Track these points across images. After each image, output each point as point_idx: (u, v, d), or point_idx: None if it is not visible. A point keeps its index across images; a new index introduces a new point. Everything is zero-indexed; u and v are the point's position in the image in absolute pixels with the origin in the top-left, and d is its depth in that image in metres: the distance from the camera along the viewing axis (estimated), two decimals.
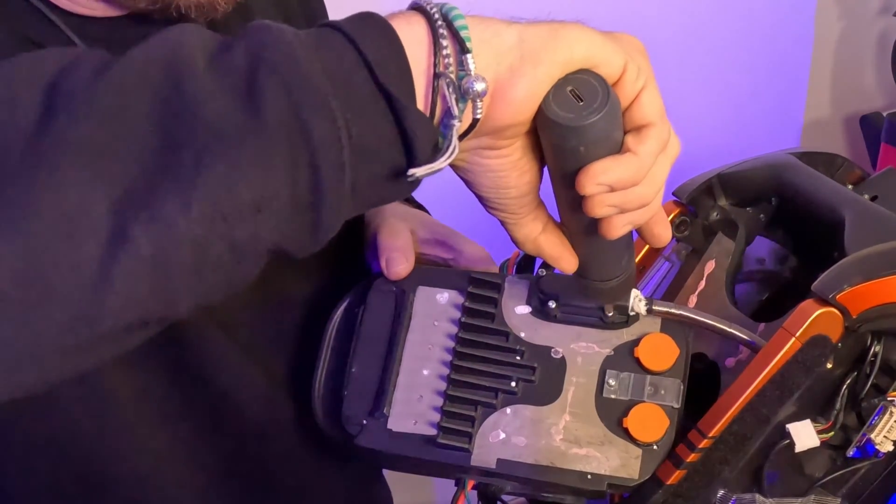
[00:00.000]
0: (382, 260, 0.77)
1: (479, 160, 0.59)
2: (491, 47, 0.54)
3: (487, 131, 0.57)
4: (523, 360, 0.74)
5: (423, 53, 0.53)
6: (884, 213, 0.82)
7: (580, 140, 0.56)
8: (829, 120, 2.39)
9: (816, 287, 0.72)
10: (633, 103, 0.58)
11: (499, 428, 0.73)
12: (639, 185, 0.58)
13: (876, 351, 0.75)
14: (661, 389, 0.73)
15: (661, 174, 0.60)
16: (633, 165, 0.57)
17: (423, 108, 0.54)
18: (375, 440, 0.74)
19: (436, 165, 0.54)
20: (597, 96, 0.56)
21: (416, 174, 0.53)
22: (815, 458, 0.76)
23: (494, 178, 0.60)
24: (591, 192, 0.57)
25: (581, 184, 0.57)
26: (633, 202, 0.59)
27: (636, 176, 0.58)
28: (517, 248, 0.66)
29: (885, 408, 0.73)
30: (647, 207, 0.61)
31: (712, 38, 2.08)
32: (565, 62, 0.55)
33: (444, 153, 0.54)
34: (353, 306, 0.79)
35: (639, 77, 0.58)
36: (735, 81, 2.15)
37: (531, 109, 0.56)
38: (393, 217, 0.84)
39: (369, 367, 0.76)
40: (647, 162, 0.58)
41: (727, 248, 0.87)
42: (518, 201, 0.62)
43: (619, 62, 0.57)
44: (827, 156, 0.92)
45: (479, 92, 0.53)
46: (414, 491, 0.90)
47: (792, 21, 2.21)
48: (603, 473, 0.71)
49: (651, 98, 0.58)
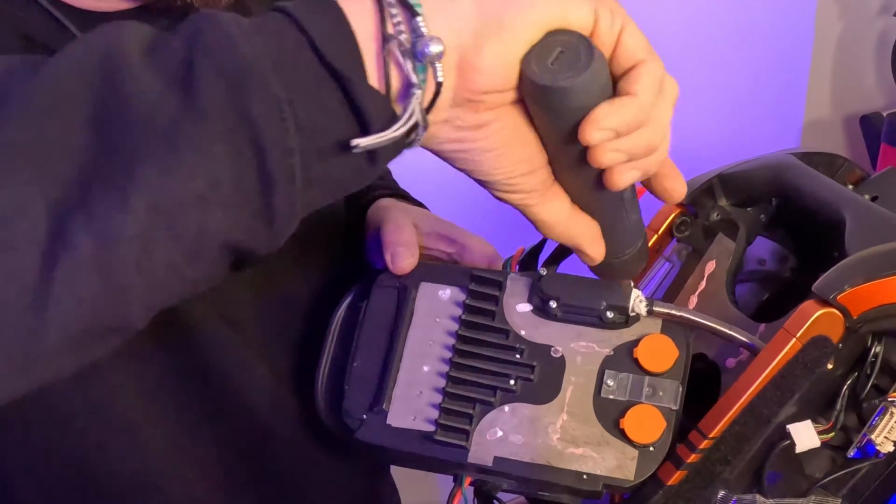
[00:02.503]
0: (387, 255, 0.77)
1: (471, 143, 0.56)
2: (445, 12, 0.52)
3: (464, 103, 0.54)
4: (523, 359, 0.74)
5: (371, 24, 0.51)
6: (884, 213, 0.82)
7: (575, 99, 0.55)
8: (829, 120, 2.39)
9: (817, 287, 0.72)
10: (617, 47, 0.56)
11: (496, 426, 0.73)
12: (644, 127, 0.56)
13: (877, 351, 0.75)
14: (660, 391, 0.72)
15: (663, 115, 0.57)
16: (634, 105, 0.55)
17: (376, 81, 0.51)
18: (374, 435, 0.74)
19: (385, 135, 0.51)
20: (579, 51, 0.54)
21: (360, 144, 0.50)
22: (816, 458, 0.76)
23: (494, 157, 0.57)
24: (596, 139, 0.54)
25: (584, 132, 0.54)
26: (639, 146, 0.56)
27: (639, 116, 0.55)
28: (543, 235, 0.63)
29: (885, 408, 0.73)
30: (657, 154, 0.58)
31: (712, 38, 2.08)
32: (531, 22, 0.53)
33: (398, 123, 0.51)
34: (356, 301, 0.80)
35: (614, 20, 0.55)
36: (735, 81, 2.15)
37: (505, 75, 0.54)
38: (396, 212, 0.83)
39: (370, 362, 0.76)
40: (647, 100, 0.55)
41: (728, 248, 0.87)
42: (531, 179, 0.59)
43: (588, 11, 0.54)
44: (827, 156, 0.92)
45: (436, 54, 0.51)
46: (421, 489, 0.90)
47: (792, 21, 2.21)
48: (598, 474, 0.71)
49: (633, 37, 0.56)
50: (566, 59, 0.54)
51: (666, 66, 0.58)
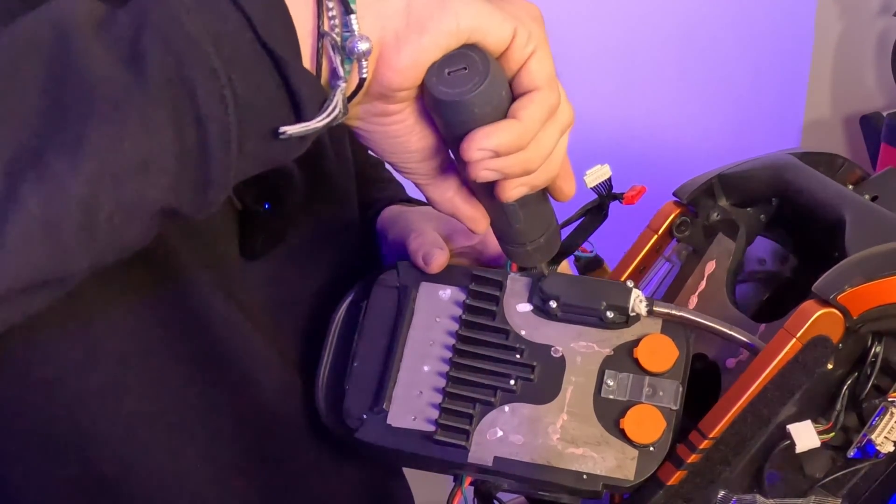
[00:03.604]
0: (419, 258, 0.78)
1: (376, 126, 0.62)
2: (376, 10, 0.56)
3: (376, 95, 0.59)
4: (523, 359, 0.74)
5: (309, 14, 0.55)
6: (884, 213, 0.82)
7: (461, 113, 0.59)
8: (829, 120, 2.39)
9: (817, 287, 0.72)
10: (521, 69, 0.60)
11: (496, 426, 0.73)
12: (524, 150, 0.60)
13: (877, 352, 0.74)
14: (660, 391, 0.72)
15: (548, 140, 0.62)
16: (515, 130, 0.59)
17: (309, 67, 0.55)
18: (375, 435, 0.74)
19: (311, 125, 0.55)
20: (477, 70, 0.58)
21: (288, 132, 0.54)
22: (816, 458, 0.76)
23: (394, 143, 0.63)
24: (474, 158, 0.60)
25: (463, 150, 0.59)
26: (515, 167, 0.61)
27: (519, 141, 0.60)
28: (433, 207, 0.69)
29: (885, 408, 0.73)
30: (541, 171, 0.63)
31: (712, 38, 2.08)
32: (451, 32, 0.57)
33: (324, 113, 0.55)
34: (356, 301, 0.80)
35: (528, 43, 0.59)
36: (735, 81, 2.15)
37: (415, 77, 0.58)
38: (413, 217, 0.85)
39: (371, 362, 0.76)
40: (530, 126, 0.60)
41: (728, 248, 0.87)
42: (424, 165, 0.64)
43: (508, 30, 0.58)
44: (827, 156, 0.92)
45: (363, 52, 0.55)
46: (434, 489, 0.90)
47: (792, 21, 2.21)
48: (598, 474, 0.71)
49: (539, 64, 0.60)
50: (463, 76, 0.58)
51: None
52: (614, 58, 1.99)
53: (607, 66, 1.99)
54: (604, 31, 1.95)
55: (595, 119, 1.96)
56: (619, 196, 0.79)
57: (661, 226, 0.86)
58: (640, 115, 2.05)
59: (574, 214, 0.80)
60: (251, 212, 0.76)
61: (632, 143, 2.02)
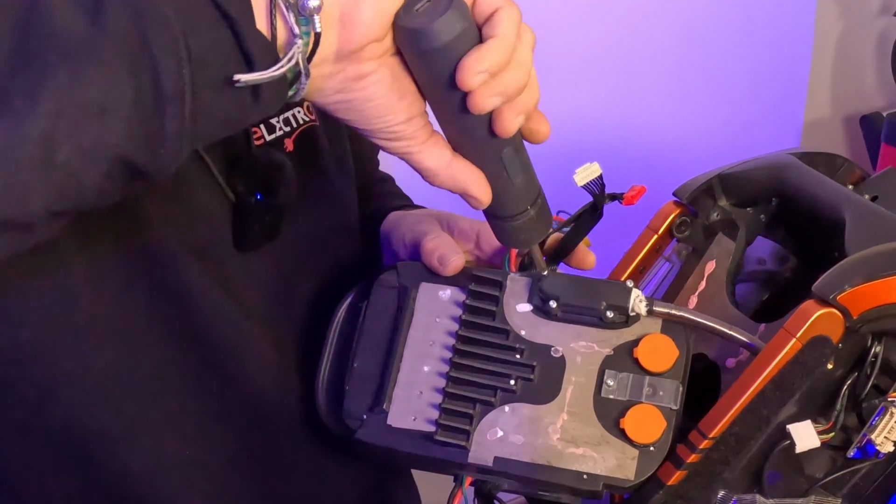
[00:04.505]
0: (434, 261, 0.78)
1: (354, 94, 0.62)
2: None
3: (347, 57, 0.60)
4: (523, 359, 0.74)
5: None
6: (884, 213, 0.82)
7: (437, 41, 0.60)
8: (829, 120, 2.39)
9: (817, 287, 0.72)
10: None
11: (497, 426, 0.73)
12: (510, 68, 0.61)
13: (876, 351, 0.75)
14: (660, 391, 0.73)
15: (525, 55, 0.63)
16: (501, 46, 0.61)
17: (264, 28, 0.57)
18: (375, 435, 0.74)
19: (267, 73, 0.57)
20: (440, 4, 0.60)
21: (242, 79, 0.56)
22: (816, 458, 0.76)
23: (375, 106, 0.63)
24: (474, 83, 0.60)
25: (462, 79, 0.60)
26: (512, 85, 0.62)
27: (505, 56, 0.61)
28: (429, 183, 0.68)
29: (885, 408, 0.73)
30: (528, 91, 0.64)
31: (712, 38, 2.08)
32: None
33: (279, 63, 0.57)
34: (356, 302, 0.80)
35: None
36: (735, 81, 2.15)
37: (382, 26, 0.60)
38: (415, 217, 0.86)
39: (371, 363, 0.76)
40: (509, 41, 0.61)
41: (728, 248, 0.87)
42: (409, 126, 0.64)
43: None
44: (827, 156, 0.92)
45: (314, 7, 0.57)
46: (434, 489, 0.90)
47: (792, 21, 2.21)
48: (599, 474, 0.71)
49: None
50: (429, 7, 0.60)
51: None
52: (614, 58, 1.99)
53: (607, 66, 1.99)
54: (604, 31, 1.95)
55: (595, 119, 1.97)
56: (618, 196, 0.79)
57: (661, 226, 0.86)
58: (639, 115, 2.05)
59: (571, 217, 0.80)
60: (245, 204, 0.76)
61: (632, 143, 2.02)
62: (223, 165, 0.75)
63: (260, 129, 0.79)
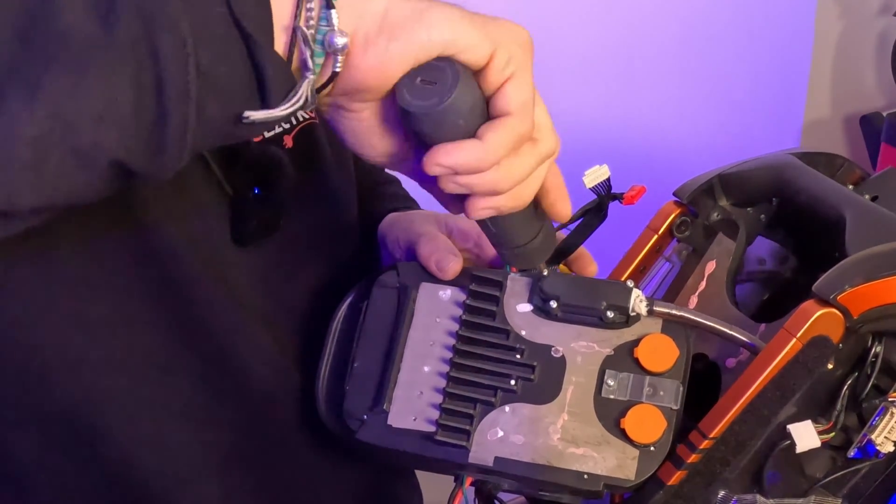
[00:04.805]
0: (431, 264, 0.78)
1: (340, 118, 0.63)
2: (354, 9, 0.58)
3: (339, 92, 0.60)
4: (523, 359, 0.74)
5: (289, 8, 0.57)
6: (884, 213, 0.82)
7: (422, 125, 0.60)
8: (829, 120, 2.39)
9: (817, 287, 0.72)
10: (497, 92, 0.60)
11: (497, 426, 0.73)
12: (487, 171, 0.61)
13: (877, 351, 0.75)
14: (660, 391, 0.72)
15: (519, 167, 0.62)
16: (477, 152, 0.60)
17: (281, 52, 0.56)
18: (375, 435, 0.74)
19: (275, 112, 0.56)
20: (445, 86, 0.58)
21: (252, 118, 0.56)
22: (816, 458, 0.76)
23: (358, 138, 0.64)
24: (432, 174, 0.61)
25: (424, 164, 0.61)
26: (480, 186, 0.62)
27: (480, 162, 0.60)
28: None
29: (885, 408, 0.73)
30: (509, 196, 0.63)
31: (712, 38, 2.08)
32: (422, 44, 0.58)
33: (288, 102, 0.56)
34: (357, 301, 0.80)
35: (507, 66, 0.59)
36: (735, 81, 2.15)
37: (378, 79, 0.59)
38: (419, 222, 0.86)
39: (371, 363, 0.76)
40: (493, 150, 0.60)
41: (728, 248, 0.87)
42: (386, 161, 0.65)
43: (485, 49, 0.59)
44: (827, 156, 0.92)
45: (339, 48, 0.57)
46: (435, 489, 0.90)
47: (792, 21, 2.21)
48: (599, 473, 0.71)
49: (514, 90, 0.60)
50: (431, 89, 0.59)
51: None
52: (614, 58, 1.99)
53: (607, 66, 1.99)
54: (604, 30, 1.95)
55: (595, 119, 1.97)
56: (618, 196, 0.79)
57: (661, 226, 0.86)
58: (639, 115, 2.05)
59: (574, 215, 0.80)
60: (242, 198, 0.76)
61: (632, 143, 2.02)
62: (221, 160, 0.75)
63: None
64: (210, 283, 0.75)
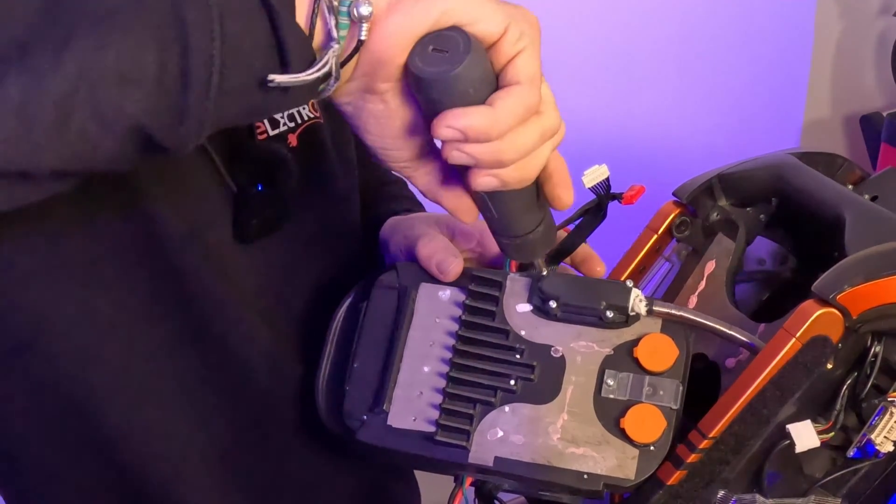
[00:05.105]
0: (432, 266, 0.78)
1: (362, 103, 0.63)
2: None
3: (364, 67, 0.60)
4: (523, 359, 0.74)
5: None
6: (884, 213, 0.82)
7: (433, 91, 0.60)
8: (829, 120, 2.39)
9: (817, 287, 0.72)
10: (508, 64, 0.61)
11: (497, 426, 0.73)
12: (494, 140, 0.61)
13: (876, 351, 0.75)
14: (660, 390, 0.73)
15: (526, 138, 0.62)
16: (487, 117, 0.60)
17: (303, 24, 0.57)
18: (375, 436, 0.74)
19: (300, 77, 0.56)
20: (456, 54, 0.59)
21: (276, 80, 0.56)
22: (816, 458, 0.76)
23: (378, 123, 0.64)
24: (442, 136, 0.61)
25: (434, 126, 0.60)
26: (485, 155, 0.61)
27: (489, 128, 0.60)
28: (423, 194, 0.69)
29: (885, 408, 0.73)
30: (514, 169, 0.63)
31: (712, 38, 2.08)
32: (443, 10, 0.59)
33: (314, 68, 0.57)
34: (356, 302, 0.80)
35: (519, 40, 0.61)
36: (735, 81, 2.15)
37: (401, 46, 0.59)
38: (419, 223, 0.86)
39: (371, 363, 0.76)
40: (502, 116, 0.60)
41: (727, 248, 0.87)
42: (406, 149, 0.65)
43: (500, 22, 0.60)
44: (827, 156, 0.92)
45: (365, 15, 0.57)
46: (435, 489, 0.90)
47: (792, 21, 2.21)
48: (599, 473, 0.71)
49: (525, 61, 0.61)
50: (443, 56, 0.59)
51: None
52: (614, 57, 1.99)
53: (607, 66, 1.99)
54: (604, 30, 1.96)
55: (595, 119, 1.97)
56: (618, 196, 0.79)
57: (661, 226, 0.86)
58: (639, 115, 2.05)
59: (573, 215, 0.80)
60: (246, 194, 0.76)
61: (632, 143, 2.02)
62: (225, 156, 0.75)
63: (264, 124, 0.79)
64: (211, 277, 0.76)
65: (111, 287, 0.72)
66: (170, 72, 0.53)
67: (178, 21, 0.53)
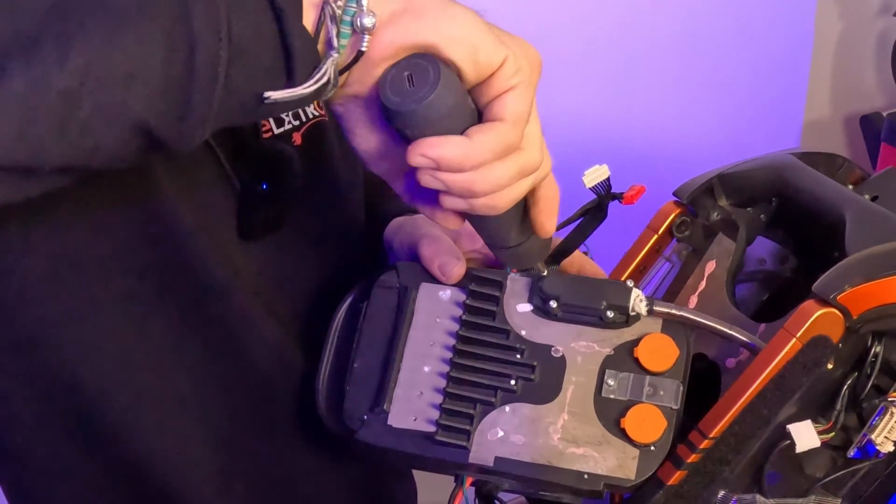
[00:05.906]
0: (434, 268, 0.78)
1: (353, 108, 0.63)
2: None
3: (356, 78, 0.60)
4: (523, 359, 0.74)
5: None
6: (884, 213, 0.82)
7: (399, 122, 0.60)
8: (829, 120, 2.39)
9: (817, 287, 0.72)
10: (496, 98, 0.61)
11: (497, 426, 0.73)
12: (467, 171, 0.61)
13: (876, 351, 0.75)
14: (660, 390, 0.73)
15: (501, 173, 0.62)
16: (461, 149, 0.60)
17: (309, 29, 0.57)
18: (375, 436, 0.74)
19: (297, 91, 0.57)
20: (425, 85, 0.59)
21: (272, 97, 0.56)
22: (816, 458, 0.76)
23: (366, 129, 0.64)
24: (414, 164, 0.61)
25: (408, 153, 0.61)
26: (457, 185, 0.61)
27: (462, 160, 0.60)
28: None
29: (885, 408, 0.73)
30: (485, 201, 0.63)
31: (712, 38, 2.08)
32: (442, 33, 0.59)
33: (311, 80, 0.57)
34: (357, 302, 0.80)
35: (514, 76, 0.60)
36: (735, 81, 2.15)
37: (394, 57, 0.59)
38: (423, 224, 0.85)
39: (371, 363, 0.76)
40: (477, 150, 0.60)
41: (728, 248, 0.87)
42: (381, 163, 0.66)
43: (499, 54, 0.59)
44: (827, 156, 0.92)
45: (368, 27, 0.57)
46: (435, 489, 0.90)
47: (792, 21, 2.21)
48: (599, 473, 0.71)
49: (514, 99, 0.60)
50: (412, 89, 0.59)
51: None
52: (614, 57, 1.99)
53: (608, 66, 1.99)
54: (604, 30, 1.95)
55: (595, 119, 1.96)
56: (618, 196, 0.79)
57: (661, 226, 0.86)
58: (639, 115, 2.05)
59: (573, 215, 0.80)
60: (250, 193, 0.76)
61: (632, 143, 2.02)
62: (230, 153, 0.75)
63: (269, 122, 0.79)
64: (216, 271, 0.76)
65: (117, 283, 0.72)
66: (176, 70, 0.53)
67: (185, 19, 0.53)
